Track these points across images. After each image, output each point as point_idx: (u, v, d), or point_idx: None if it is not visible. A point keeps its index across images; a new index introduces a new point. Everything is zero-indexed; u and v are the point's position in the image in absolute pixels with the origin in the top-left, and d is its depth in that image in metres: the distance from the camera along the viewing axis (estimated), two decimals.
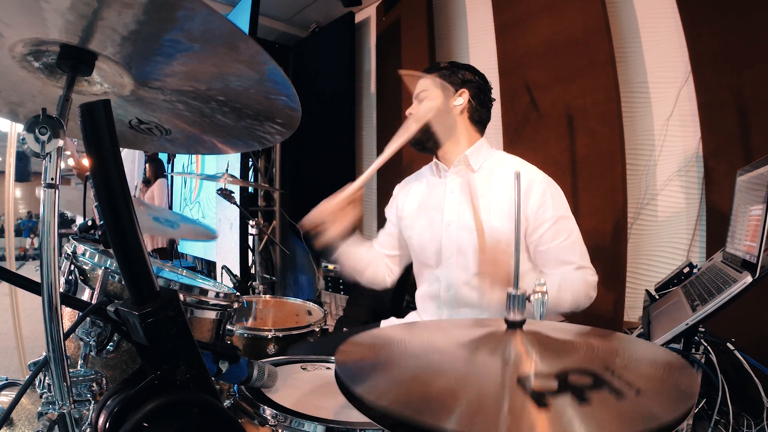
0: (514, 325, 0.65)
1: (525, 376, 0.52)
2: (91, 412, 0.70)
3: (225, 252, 3.64)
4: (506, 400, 0.47)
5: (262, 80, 0.65)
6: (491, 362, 0.57)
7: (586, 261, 1.22)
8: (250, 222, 2.53)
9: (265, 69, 0.62)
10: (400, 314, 1.50)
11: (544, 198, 1.21)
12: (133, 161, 3.86)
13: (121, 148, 0.65)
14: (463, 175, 1.30)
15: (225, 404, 0.88)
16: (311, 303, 1.86)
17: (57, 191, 0.59)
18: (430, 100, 1.30)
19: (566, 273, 1.19)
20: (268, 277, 4.10)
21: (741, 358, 1.38)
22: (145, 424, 0.55)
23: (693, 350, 1.22)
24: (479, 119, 1.33)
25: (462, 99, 1.30)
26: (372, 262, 1.43)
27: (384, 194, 3.26)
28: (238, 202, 2.54)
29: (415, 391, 0.51)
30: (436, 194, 1.34)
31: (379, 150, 3.41)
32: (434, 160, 1.37)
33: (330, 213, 1.23)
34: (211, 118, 0.77)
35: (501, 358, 0.58)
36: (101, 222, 0.92)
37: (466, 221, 1.25)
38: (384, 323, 1.43)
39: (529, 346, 0.60)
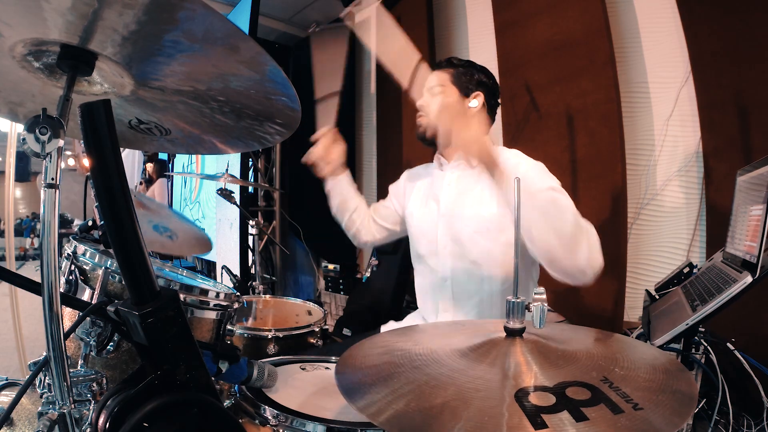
0: (513, 333, 0.64)
1: (524, 390, 0.51)
2: (91, 412, 0.70)
3: (225, 252, 3.64)
4: (505, 419, 0.47)
5: (262, 81, 0.65)
6: (491, 374, 0.56)
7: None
8: (250, 222, 2.53)
9: (266, 69, 0.62)
10: (400, 316, 1.50)
11: (529, 173, 1.17)
12: (133, 161, 3.86)
13: (121, 148, 0.65)
14: (462, 170, 1.32)
15: (225, 404, 0.89)
16: (311, 303, 1.86)
17: (57, 191, 0.59)
18: (445, 96, 1.29)
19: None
20: (268, 277, 4.10)
21: (741, 358, 1.38)
22: (145, 424, 0.55)
23: (693, 350, 1.22)
24: (486, 122, 1.34)
25: (477, 102, 1.30)
26: (359, 210, 1.50)
27: (384, 193, 3.26)
28: (238, 202, 2.54)
29: (415, 407, 0.51)
30: (436, 186, 1.36)
31: (380, 150, 3.41)
32: (437, 153, 1.38)
33: (321, 150, 1.41)
34: (211, 118, 0.77)
35: (501, 370, 0.57)
36: (101, 222, 0.92)
37: (458, 211, 1.27)
38: (384, 328, 1.44)
39: (529, 355, 0.60)
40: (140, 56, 0.62)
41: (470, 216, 1.25)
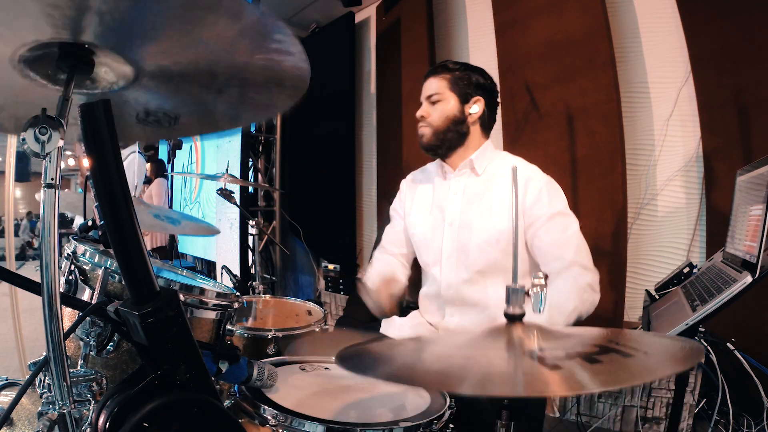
0: (513, 319, 0.65)
1: (533, 349, 0.53)
2: (91, 412, 0.70)
3: (225, 252, 3.64)
4: (518, 367, 0.49)
5: (268, 46, 0.62)
6: (497, 345, 0.58)
7: (582, 257, 1.18)
8: (250, 222, 2.53)
9: (271, 33, 0.59)
10: (399, 315, 1.49)
11: (540, 195, 1.21)
12: (131, 162, 3.86)
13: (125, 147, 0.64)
14: (467, 177, 1.31)
15: (225, 404, 0.88)
16: (311, 303, 1.86)
17: (57, 191, 0.58)
18: (445, 104, 1.27)
19: (558, 285, 1.15)
20: (268, 277, 4.10)
21: (741, 358, 1.38)
22: (145, 424, 0.55)
23: None
24: (488, 125, 1.34)
25: (477, 107, 1.28)
26: (395, 277, 1.34)
27: (384, 194, 3.27)
28: (238, 202, 2.54)
29: (428, 367, 0.53)
30: (440, 195, 1.35)
31: (380, 150, 3.41)
32: (439, 161, 1.37)
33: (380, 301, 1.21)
34: (218, 94, 0.75)
35: (506, 341, 0.59)
36: (101, 222, 0.92)
37: (467, 221, 1.26)
38: (385, 322, 1.43)
39: (531, 335, 0.61)
40: (134, 41, 0.60)
41: (479, 227, 1.24)
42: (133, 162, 3.73)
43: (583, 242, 1.21)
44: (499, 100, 1.37)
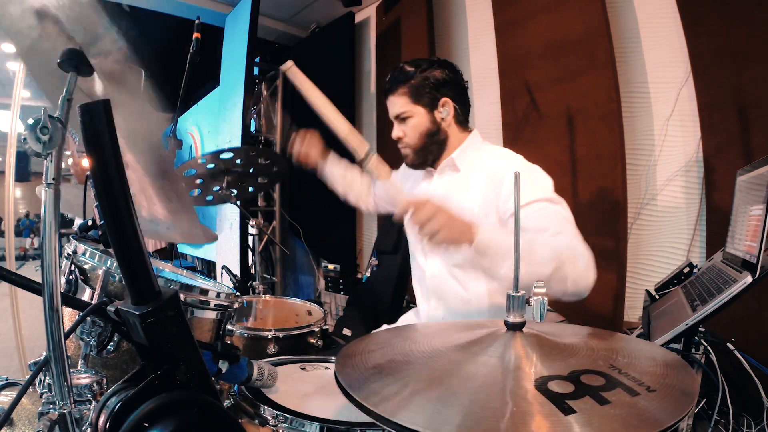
0: (513, 327, 0.64)
1: (543, 379, 0.52)
2: (91, 412, 0.70)
3: (225, 252, 3.63)
4: (535, 408, 0.48)
5: None
6: (499, 366, 0.57)
7: (571, 232, 1.05)
8: (250, 222, 2.53)
9: None
10: (398, 317, 1.51)
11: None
12: None
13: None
14: (449, 176, 1.30)
15: (225, 404, 0.89)
16: (311, 303, 1.86)
17: (57, 191, 0.58)
18: (414, 119, 1.24)
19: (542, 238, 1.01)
20: (268, 277, 4.10)
21: (741, 358, 1.38)
22: (145, 424, 0.55)
23: (693, 350, 1.22)
24: (464, 118, 1.28)
25: (447, 109, 1.23)
26: (353, 188, 1.68)
27: None
28: (238, 202, 2.54)
29: (423, 396, 0.51)
30: (423, 190, 1.37)
31: (380, 150, 3.41)
32: None
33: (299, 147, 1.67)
34: None
35: (503, 362, 0.58)
36: (101, 222, 0.92)
37: None
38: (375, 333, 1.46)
39: (531, 348, 0.60)
40: None
41: None
42: None
43: (568, 222, 1.08)
44: (467, 85, 1.29)
